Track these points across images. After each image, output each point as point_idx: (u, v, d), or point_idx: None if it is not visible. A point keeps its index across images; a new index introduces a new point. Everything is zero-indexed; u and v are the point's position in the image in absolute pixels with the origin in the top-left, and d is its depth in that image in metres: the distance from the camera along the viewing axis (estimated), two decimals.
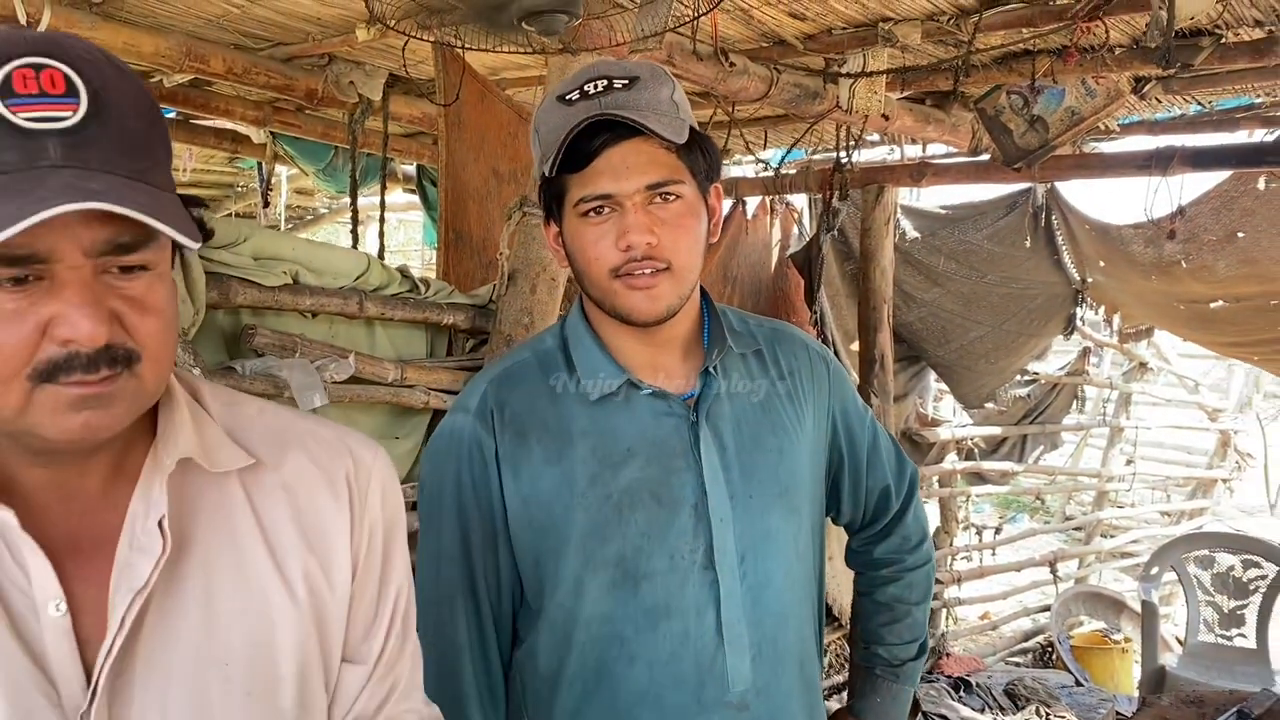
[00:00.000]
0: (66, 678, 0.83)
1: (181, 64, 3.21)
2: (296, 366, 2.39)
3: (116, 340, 0.81)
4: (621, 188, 1.34)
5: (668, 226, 1.36)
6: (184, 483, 0.92)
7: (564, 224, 1.42)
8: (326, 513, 1.00)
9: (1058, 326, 5.66)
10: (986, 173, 4.35)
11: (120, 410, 0.83)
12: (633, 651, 1.41)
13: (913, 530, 1.74)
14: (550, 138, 1.38)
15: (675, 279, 1.38)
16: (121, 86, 0.81)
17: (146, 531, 0.88)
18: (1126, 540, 8.01)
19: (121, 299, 0.82)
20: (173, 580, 0.89)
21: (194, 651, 0.89)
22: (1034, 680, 5.39)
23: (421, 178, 5.63)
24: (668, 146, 1.35)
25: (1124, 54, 2.95)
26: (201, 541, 0.92)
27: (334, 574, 0.99)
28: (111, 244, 0.80)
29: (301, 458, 1.00)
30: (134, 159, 0.80)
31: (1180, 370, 8.22)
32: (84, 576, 0.86)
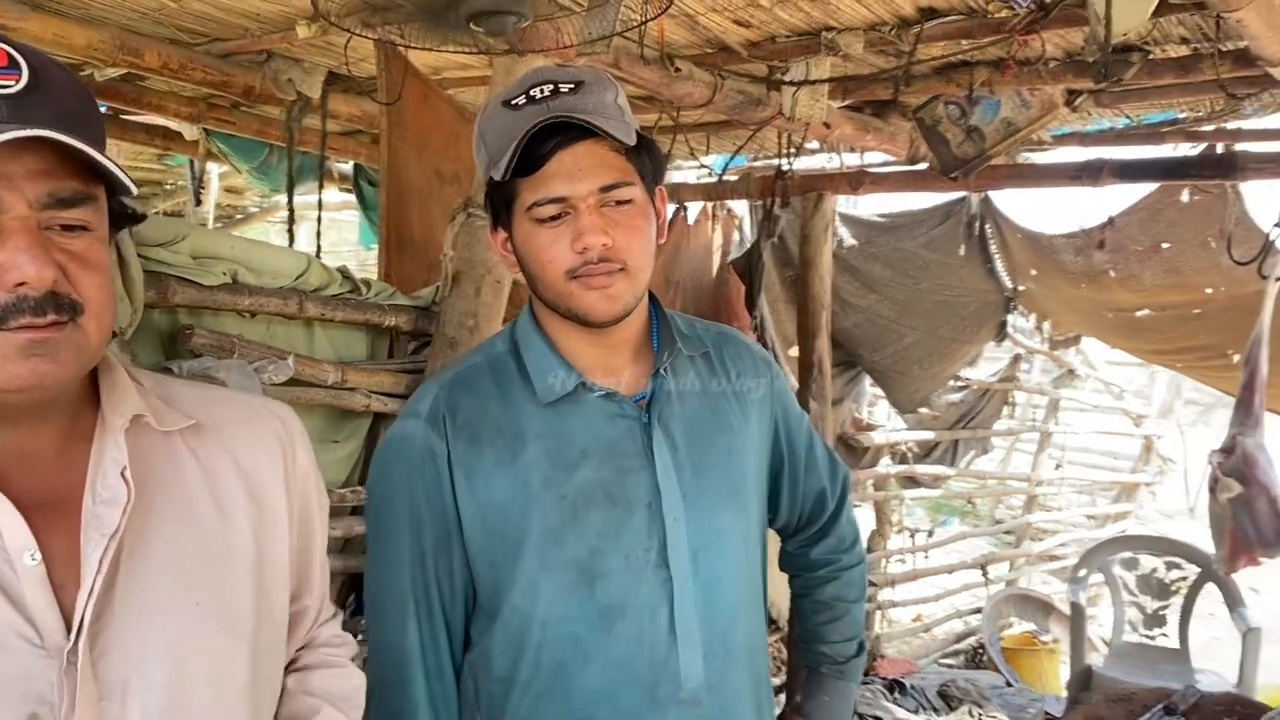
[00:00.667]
0: (46, 621, 0.89)
1: (115, 58, 3.14)
2: (234, 368, 2.34)
3: (62, 289, 0.88)
4: (575, 190, 1.35)
5: (621, 228, 1.37)
6: (136, 442, 0.99)
7: (514, 228, 1.42)
8: (264, 469, 1.09)
9: (990, 333, 5.77)
10: (923, 181, 4.43)
11: (66, 359, 0.90)
12: (588, 651, 1.42)
13: (847, 531, 1.78)
14: (498, 143, 1.37)
15: (630, 279, 1.39)
16: (58, 73, 0.91)
17: (108, 485, 0.95)
18: (1054, 543, 8.20)
19: (64, 253, 0.89)
20: (139, 529, 0.96)
21: (166, 592, 0.97)
22: (966, 681, 5.47)
23: (358, 177, 5.57)
24: (618, 149, 1.36)
25: (1058, 67, 3.03)
26: (159, 493, 1.00)
27: (276, 522, 1.10)
28: (54, 197, 0.88)
29: (235, 421, 1.10)
30: (75, 127, 0.87)
31: (1106, 377, 8.44)
32: (51, 528, 0.92)
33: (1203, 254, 4.40)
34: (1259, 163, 3.62)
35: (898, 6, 2.67)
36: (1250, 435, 3.61)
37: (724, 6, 2.72)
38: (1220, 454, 3.65)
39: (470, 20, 2.16)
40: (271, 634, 1.08)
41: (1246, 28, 2.20)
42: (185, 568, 0.99)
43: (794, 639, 1.83)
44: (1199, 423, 12.30)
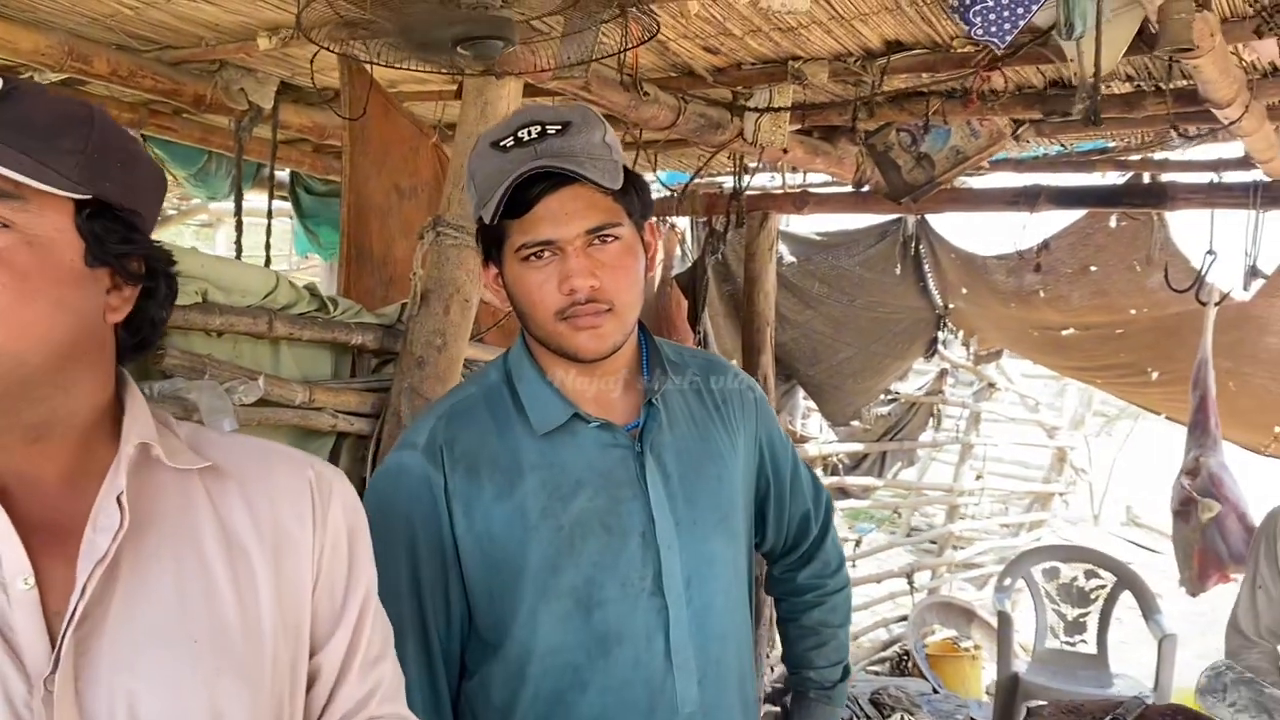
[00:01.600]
0: (31, 647, 0.88)
1: (63, 64, 3.04)
2: (206, 389, 2.30)
3: None
4: (561, 234, 1.37)
5: (608, 268, 1.40)
6: (149, 474, 0.98)
7: (505, 267, 1.44)
8: (287, 519, 1.06)
9: (920, 349, 5.94)
10: (864, 202, 4.53)
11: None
12: (585, 679, 1.44)
13: (832, 555, 1.82)
14: (487, 184, 1.40)
15: (618, 318, 1.42)
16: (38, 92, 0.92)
17: (106, 512, 0.93)
18: (974, 552, 8.44)
19: None
20: (139, 560, 0.95)
21: (162, 627, 0.94)
22: (897, 689, 5.61)
23: (295, 184, 5.47)
24: (604, 191, 1.38)
25: (1009, 99, 3.14)
26: (167, 527, 0.98)
27: (294, 573, 1.05)
28: None
29: (263, 469, 1.07)
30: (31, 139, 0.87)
31: (1022, 389, 8.72)
32: (52, 555, 0.91)
33: (1128, 277, 4.60)
34: (1188, 192, 3.81)
35: (864, 39, 2.74)
36: (1211, 455, 3.78)
37: (695, 34, 2.75)
38: (1187, 476, 3.80)
39: (457, 45, 2.16)
40: (280, 685, 1.04)
41: (1200, 72, 2.32)
42: (185, 605, 0.96)
43: (782, 661, 1.87)
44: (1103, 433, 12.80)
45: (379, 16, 2.29)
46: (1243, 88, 2.71)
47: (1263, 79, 2.90)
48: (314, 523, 1.08)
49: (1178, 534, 4.05)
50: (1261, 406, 4.90)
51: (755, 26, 2.66)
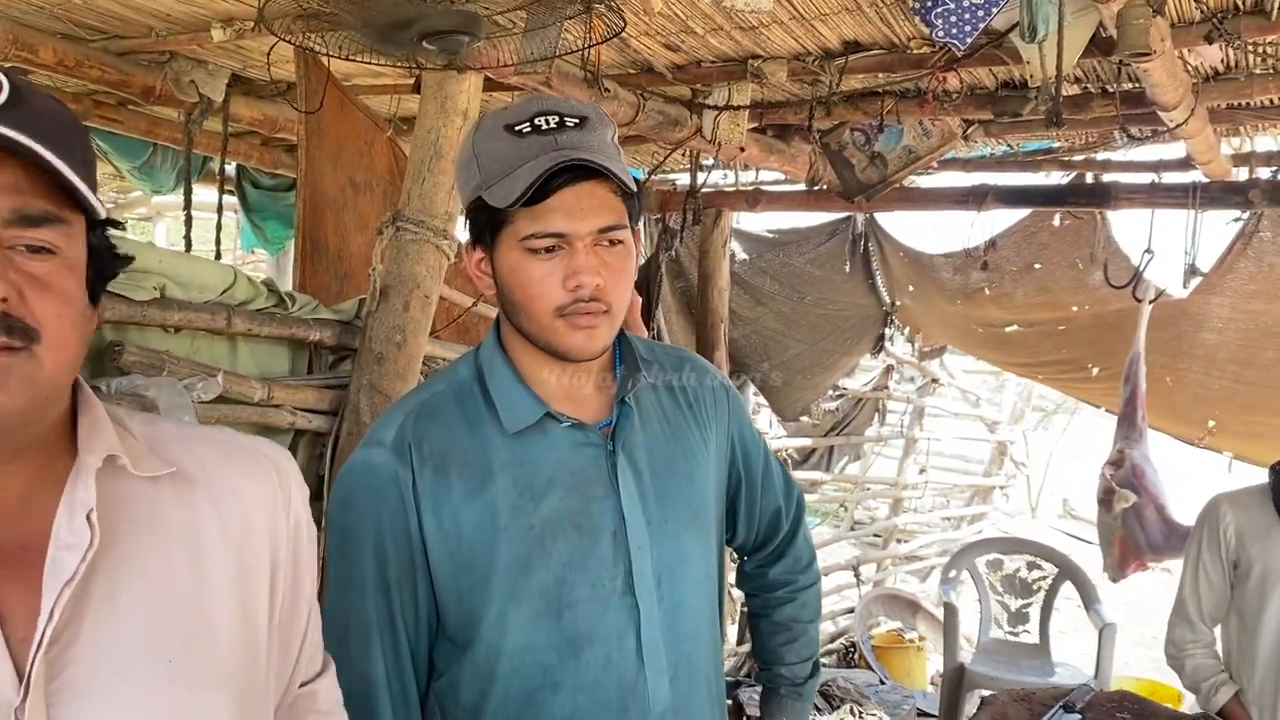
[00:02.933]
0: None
1: (7, 53, 2.96)
2: (164, 386, 2.26)
3: (16, 311, 0.82)
4: (576, 229, 1.35)
5: (611, 270, 1.39)
6: (114, 487, 0.93)
7: (499, 254, 1.41)
8: (253, 518, 1.03)
9: (868, 345, 6.02)
10: (816, 200, 4.59)
11: (15, 388, 0.83)
12: (556, 680, 1.43)
13: (803, 551, 1.82)
14: (497, 167, 1.37)
15: (612, 320, 1.42)
16: (40, 95, 0.87)
17: (73, 529, 0.88)
18: (917, 545, 8.57)
19: (24, 275, 0.83)
20: (109, 580, 0.90)
21: (136, 649, 0.90)
22: (845, 680, 5.68)
23: (241, 178, 5.38)
24: (616, 191, 1.38)
25: (961, 100, 3.20)
26: (136, 543, 0.93)
27: (265, 573, 1.03)
28: (18, 214, 0.83)
29: (227, 467, 1.03)
30: (52, 145, 0.83)
31: (963, 385, 8.87)
32: (12, 580, 0.86)
33: (1071, 274, 4.71)
34: (1130, 193, 3.91)
35: (823, 39, 2.77)
36: (1135, 447, 3.88)
37: (656, 31, 2.77)
38: (1110, 466, 3.90)
39: (423, 39, 2.15)
40: (258, 690, 1.02)
41: (1149, 76, 2.39)
42: (158, 623, 0.92)
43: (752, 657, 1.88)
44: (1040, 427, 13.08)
45: (341, 10, 2.27)
46: (1188, 91, 2.79)
47: (1206, 82, 2.98)
48: (280, 519, 1.07)
49: (1101, 522, 4.17)
50: (1196, 400, 5.05)
51: (717, 25, 2.68)
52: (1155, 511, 3.78)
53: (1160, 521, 3.78)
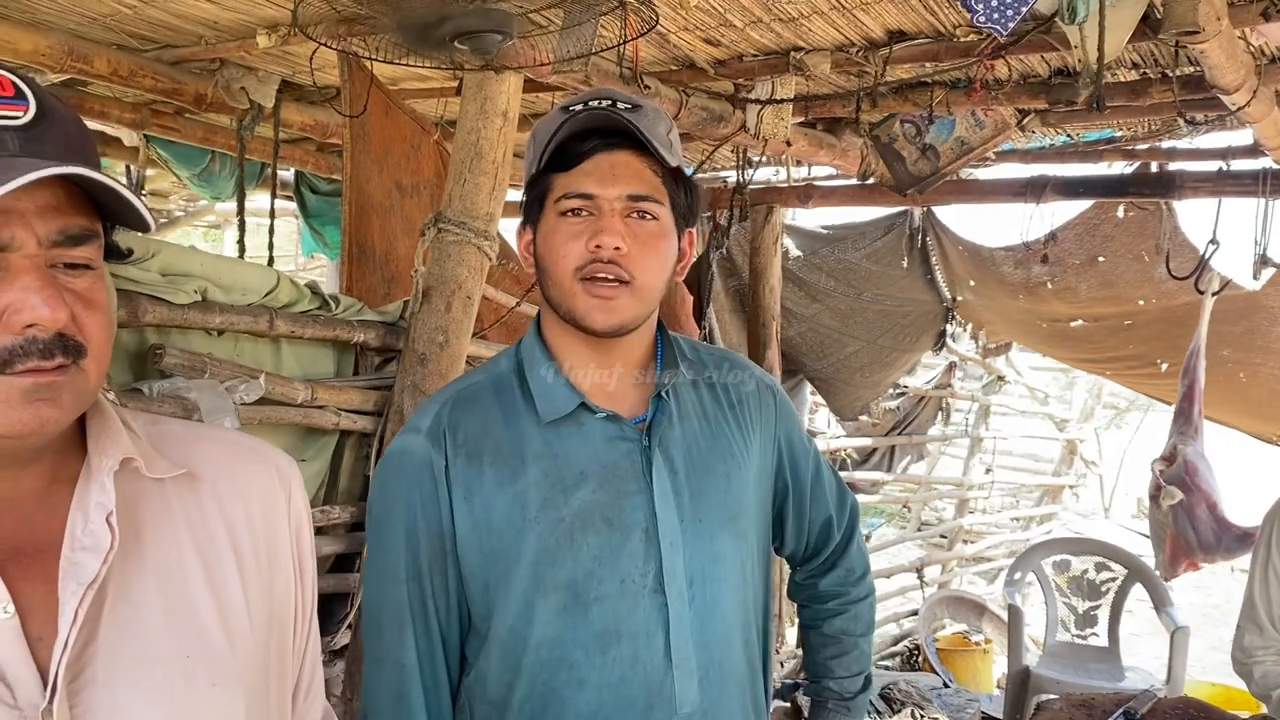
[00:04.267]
0: (20, 678, 0.83)
1: (63, 64, 3.03)
2: (206, 388, 2.29)
3: (69, 331, 0.84)
4: (605, 191, 1.36)
5: (638, 242, 1.38)
6: (125, 489, 0.94)
7: (541, 224, 1.43)
8: (256, 516, 1.04)
9: (928, 342, 5.91)
10: (869, 195, 4.51)
11: (67, 402, 0.86)
12: (582, 675, 1.41)
13: (856, 563, 1.77)
14: (544, 140, 1.39)
15: (635, 295, 1.39)
16: (57, 103, 0.87)
17: (89, 531, 0.89)
18: (984, 546, 8.40)
19: (70, 293, 0.85)
20: (125, 580, 0.91)
21: (154, 647, 0.91)
22: (907, 684, 5.58)
23: (299, 184, 5.47)
24: (655, 169, 1.38)
25: (1014, 88, 3.11)
26: (148, 543, 0.94)
27: (275, 573, 1.05)
28: (63, 234, 0.84)
29: (232, 467, 1.05)
30: (80, 157, 0.85)
31: (1031, 382, 8.68)
32: (29, 579, 0.87)
33: (1136, 267, 4.56)
34: (1195, 181, 3.78)
35: (866, 29, 2.71)
36: (1190, 444, 3.75)
37: (696, 26, 2.73)
38: (1161, 462, 3.78)
39: (455, 39, 2.15)
40: (270, 686, 1.04)
41: (1206, 57, 2.29)
42: (174, 620, 0.93)
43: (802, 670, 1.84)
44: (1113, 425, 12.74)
45: (376, 11, 2.28)
46: (1250, 72, 2.67)
47: (1271, 64, 2.86)
48: (286, 515, 1.08)
49: (1152, 519, 4.04)
50: (1273, 396, 4.86)
51: (756, 17, 2.64)
52: (1207, 510, 3.64)
53: (1212, 521, 3.64)
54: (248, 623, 1.00)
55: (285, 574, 1.07)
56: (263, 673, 1.02)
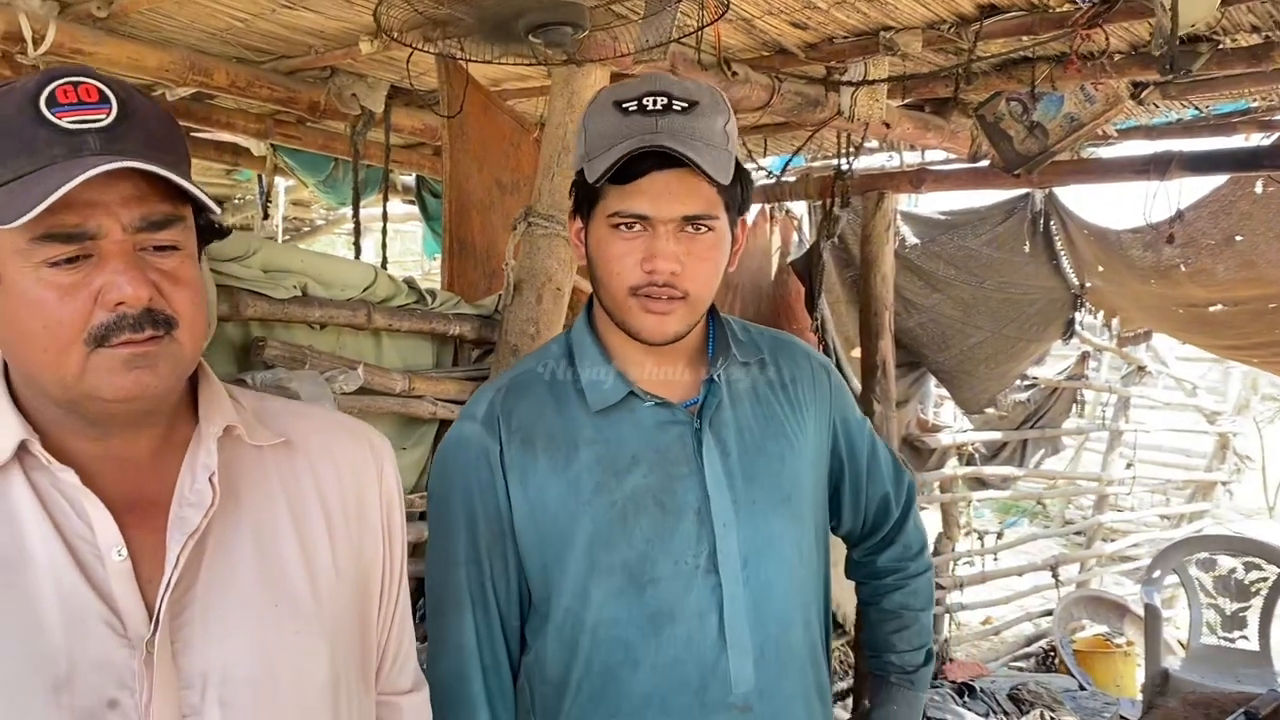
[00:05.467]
0: (130, 612, 0.96)
1: (185, 77, 3.22)
2: (306, 378, 2.40)
3: (157, 305, 0.95)
4: (659, 213, 1.36)
5: (693, 257, 1.39)
6: (229, 453, 1.06)
7: (591, 225, 1.44)
8: (347, 487, 1.15)
9: (1057, 331, 5.68)
10: (985, 178, 4.37)
11: (164, 370, 0.97)
12: (637, 656, 1.43)
13: (913, 538, 1.77)
14: (598, 142, 1.40)
15: (689, 307, 1.41)
16: (143, 101, 0.98)
17: (195, 490, 1.01)
18: (1127, 544, 8.02)
19: (158, 272, 0.96)
20: (224, 534, 1.03)
21: (247, 593, 1.03)
22: (1038, 685, 5.39)
23: (421, 188, 5.65)
24: (711, 181, 1.36)
25: (1123, 60, 2.97)
26: (246, 502, 1.06)
27: (363, 538, 1.15)
28: (146, 220, 0.94)
29: (327, 440, 1.16)
30: (160, 152, 0.95)
31: (1178, 373, 8.24)
32: (141, 528, 0.99)
33: (1279, 246, 4.29)
34: None
35: (956, 4, 2.64)
36: None
37: (780, 9, 2.71)
38: None
39: (528, 33, 2.19)
40: (356, 642, 1.14)
41: None
42: (265, 572, 1.04)
43: (862, 646, 1.82)
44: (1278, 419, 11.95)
45: (457, 11, 2.35)
46: None
47: None
48: (378, 487, 1.18)
49: None
50: None
51: None
52: None
53: None
54: (335, 580, 1.09)
55: (374, 541, 1.16)
56: (348, 629, 1.12)
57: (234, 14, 2.93)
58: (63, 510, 0.97)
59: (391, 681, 1.25)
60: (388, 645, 1.23)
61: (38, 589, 0.94)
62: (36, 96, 0.93)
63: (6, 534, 0.95)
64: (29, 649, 0.92)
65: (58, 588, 0.94)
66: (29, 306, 0.93)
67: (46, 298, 0.92)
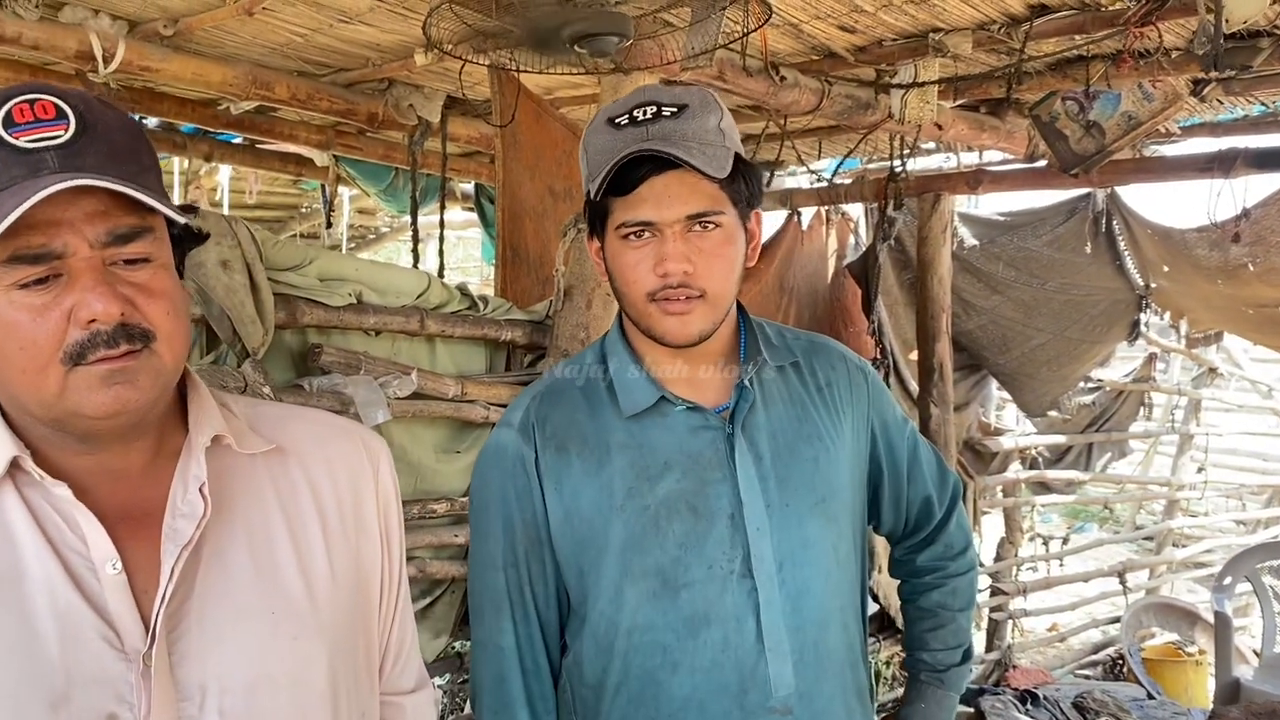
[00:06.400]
0: (126, 626, 0.95)
1: (248, 91, 3.32)
2: (361, 384, 2.46)
3: (132, 320, 0.94)
4: (663, 216, 1.39)
5: (704, 255, 1.41)
6: (221, 462, 1.06)
7: (605, 242, 1.47)
8: (343, 488, 1.15)
9: (1121, 332, 5.58)
10: (1044, 179, 4.31)
11: (145, 384, 0.96)
12: (675, 659, 1.45)
13: (956, 538, 1.76)
14: (597, 159, 1.43)
15: (709, 305, 1.43)
16: (104, 112, 0.96)
17: (187, 500, 1.01)
18: (1199, 550, 7.82)
19: (130, 286, 0.95)
20: (218, 543, 1.03)
21: (242, 602, 1.02)
22: (1104, 693, 5.28)
23: (479, 196, 5.73)
24: (710, 177, 1.38)
25: (1180, 57, 2.92)
26: (239, 511, 1.06)
27: (361, 540, 1.15)
28: (113, 235, 0.93)
29: (319, 443, 1.16)
30: (123, 164, 0.94)
31: (1253, 375, 8.01)
32: (135, 540, 0.99)
33: None
34: None
35: (1006, 4, 2.62)
36: None
37: (828, 13, 2.72)
38: None
39: (574, 43, 2.23)
40: (357, 645, 1.14)
41: None
42: (260, 580, 1.04)
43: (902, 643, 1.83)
44: None
45: (505, 23, 2.39)
46: None
47: None
48: (374, 488, 1.18)
49: None
50: None
51: (886, 1, 2.60)
52: None
53: None
54: (332, 585, 1.09)
55: (372, 543, 1.17)
56: (347, 632, 1.12)
57: (294, 29, 3.02)
58: (56, 525, 0.96)
59: (394, 682, 1.25)
60: (389, 645, 1.23)
61: (33, 605, 0.93)
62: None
63: (1, 550, 0.95)
64: (26, 665, 0.92)
65: (53, 603, 0.94)
66: (4, 330, 0.92)
67: (19, 320, 0.92)
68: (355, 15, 2.86)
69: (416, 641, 1.31)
